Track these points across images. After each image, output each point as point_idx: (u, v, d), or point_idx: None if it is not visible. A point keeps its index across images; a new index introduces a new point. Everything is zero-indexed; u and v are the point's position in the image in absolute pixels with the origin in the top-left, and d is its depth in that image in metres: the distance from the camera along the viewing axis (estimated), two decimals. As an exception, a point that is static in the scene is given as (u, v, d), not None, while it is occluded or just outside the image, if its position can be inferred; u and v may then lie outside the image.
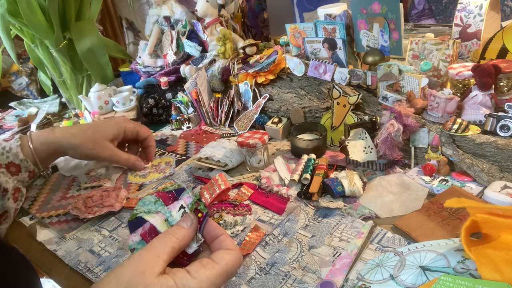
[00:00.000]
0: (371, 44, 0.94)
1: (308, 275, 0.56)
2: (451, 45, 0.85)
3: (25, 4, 1.04)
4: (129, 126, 0.83)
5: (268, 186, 0.76)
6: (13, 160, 0.74)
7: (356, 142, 0.80)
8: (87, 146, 0.75)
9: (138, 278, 0.36)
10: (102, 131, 0.77)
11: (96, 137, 0.76)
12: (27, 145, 0.76)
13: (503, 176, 0.66)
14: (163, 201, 0.46)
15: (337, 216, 0.67)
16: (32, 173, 0.79)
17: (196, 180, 0.83)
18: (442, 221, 0.61)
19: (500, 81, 0.75)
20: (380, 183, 0.72)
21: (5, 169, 0.74)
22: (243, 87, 1.04)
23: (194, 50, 1.17)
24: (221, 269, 0.38)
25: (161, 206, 0.46)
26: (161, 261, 0.38)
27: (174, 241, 0.40)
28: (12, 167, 0.74)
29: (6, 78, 1.49)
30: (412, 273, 0.50)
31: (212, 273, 0.37)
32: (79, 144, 0.75)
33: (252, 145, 0.80)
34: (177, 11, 1.21)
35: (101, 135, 0.77)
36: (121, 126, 0.81)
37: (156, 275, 0.36)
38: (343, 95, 0.85)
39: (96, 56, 1.17)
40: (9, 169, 0.74)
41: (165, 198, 0.46)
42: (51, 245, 0.69)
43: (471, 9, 0.95)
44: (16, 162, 0.75)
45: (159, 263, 0.38)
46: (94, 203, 0.76)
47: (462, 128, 0.70)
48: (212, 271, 0.38)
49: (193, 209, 0.43)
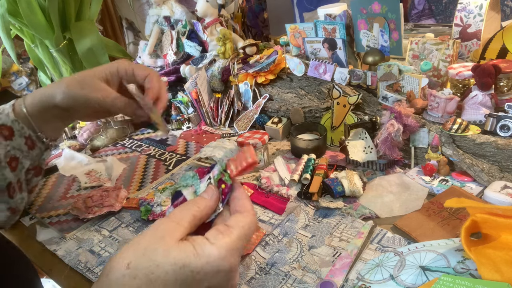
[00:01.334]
0: (371, 44, 0.94)
1: (308, 275, 0.56)
2: (451, 45, 0.85)
3: (25, 4, 1.04)
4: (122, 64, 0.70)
5: (268, 186, 0.76)
6: (4, 122, 0.66)
7: (356, 142, 0.80)
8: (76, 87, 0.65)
9: (157, 243, 0.35)
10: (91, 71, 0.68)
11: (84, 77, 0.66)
12: (20, 105, 0.68)
13: (503, 176, 0.66)
14: (199, 175, 0.47)
15: (337, 216, 0.67)
16: (29, 140, 0.68)
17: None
18: (442, 221, 0.61)
19: (500, 81, 0.75)
20: (380, 183, 0.72)
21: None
22: (243, 87, 1.04)
23: (194, 50, 1.17)
24: (238, 234, 0.37)
25: (196, 180, 0.47)
26: (182, 228, 0.37)
27: (195, 209, 0.39)
28: (4, 130, 0.66)
29: (6, 78, 1.48)
30: (412, 273, 0.50)
31: (231, 239, 0.37)
32: (66, 86, 0.65)
33: (252, 145, 0.80)
34: (177, 11, 1.21)
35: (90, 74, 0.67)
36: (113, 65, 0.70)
37: (176, 240, 0.36)
38: (343, 95, 0.85)
39: (96, 56, 1.17)
40: (2, 132, 0.66)
41: (201, 173, 0.47)
42: (51, 245, 0.69)
43: (471, 9, 0.95)
44: (7, 124, 0.66)
45: (179, 229, 0.37)
46: (94, 203, 0.76)
47: (462, 128, 0.70)
48: (231, 236, 0.37)
49: (217, 180, 0.43)
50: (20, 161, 0.68)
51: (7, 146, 0.66)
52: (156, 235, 0.36)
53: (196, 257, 0.35)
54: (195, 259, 0.35)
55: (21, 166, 0.68)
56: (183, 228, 0.37)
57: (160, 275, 0.34)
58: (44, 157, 0.72)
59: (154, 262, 0.34)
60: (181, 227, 0.37)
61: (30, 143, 0.68)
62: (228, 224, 0.38)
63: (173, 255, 0.34)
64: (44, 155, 0.72)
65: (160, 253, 0.35)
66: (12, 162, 0.66)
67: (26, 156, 0.68)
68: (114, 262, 0.35)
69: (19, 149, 0.67)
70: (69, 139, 1.11)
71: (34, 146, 0.69)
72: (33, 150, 0.69)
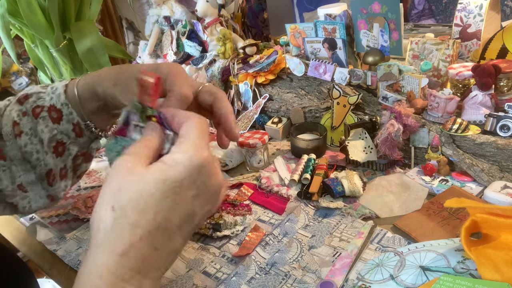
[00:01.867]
0: (371, 44, 0.94)
1: (308, 275, 0.56)
2: (451, 45, 0.85)
3: (25, 4, 1.04)
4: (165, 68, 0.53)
5: (268, 186, 0.76)
6: (55, 103, 0.59)
7: (356, 142, 0.80)
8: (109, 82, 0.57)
9: (128, 176, 0.34)
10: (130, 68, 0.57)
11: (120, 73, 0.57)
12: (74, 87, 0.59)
13: (503, 176, 0.66)
14: (121, 135, 0.43)
15: (337, 216, 0.67)
16: (78, 127, 0.60)
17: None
18: (442, 221, 0.61)
19: (500, 81, 0.75)
20: (380, 183, 0.72)
21: (47, 112, 0.60)
22: (243, 87, 1.04)
23: (194, 50, 1.17)
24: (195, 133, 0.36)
25: (124, 140, 0.43)
26: (142, 156, 0.36)
27: (145, 141, 0.38)
28: (53, 112, 0.59)
29: (6, 78, 1.49)
30: (412, 273, 0.50)
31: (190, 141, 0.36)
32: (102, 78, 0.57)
33: (252, 145, 0.80)
34: (177, 11, 1.21)
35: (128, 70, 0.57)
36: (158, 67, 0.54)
37: (143, 167, 0.35)
38: (343, 95, 0.85)
39: (96, 56, 1.17)
40: (50, 113, 0.59)
41: (122, 132, 0.43)
42: (51, 245, 0.69)
43: (471, 9, 0.95)
44: (57, 106, 0.59)
45: (140, 157, 0.36)
46: (94, 203, 0.75)
47: (462, 128, 0.70)
48: (189, 139, 0.36)
49: (145, 120, 0.40)
50: (67, 147, 0.61)
51: (54, 129, 0.60)
52: (121, 171, 0.35)
53: (172, 168, 0.34)
54: (171, 170, 0.34)
55: (68, 153, 0.62)
56: (144, 156, 0.36)
57: (148, 200, 0.33)
58: (93, 145, 0.65)
59: (136, 191, 0.33)
60: (142, 156, 0.36)
61: (78, 130, 0.61)
62: (182, 134, 0.37)
63: (149, 177, 0.34)
64: (93, 143, 0.64)
65: (136, 182, 0.34)
66: (59, 147, 0.61)
67: (74, 142, 0.62)
68: (97, 214, 0.34)
69: (67, 134, 0.61)
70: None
71: (82, 134, 0.62)
72: (81, 137, 0.62)
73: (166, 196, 0.33)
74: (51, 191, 0.62)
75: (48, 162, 0.60)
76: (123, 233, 0.32)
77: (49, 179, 0.61)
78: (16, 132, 0.59)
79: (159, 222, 0.33)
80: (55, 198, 0.62)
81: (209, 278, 0.58)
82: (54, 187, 0.61)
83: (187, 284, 0.57)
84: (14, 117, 0.60)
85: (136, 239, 0.32)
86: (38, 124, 0.60)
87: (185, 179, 0.34)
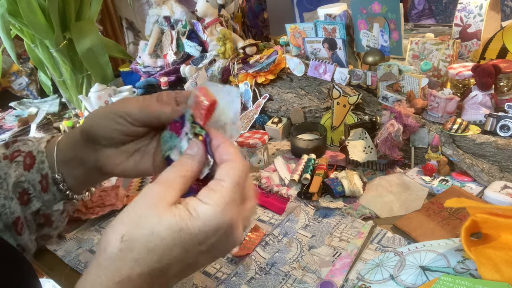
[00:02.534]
0: (371, 44, 0.94)
1: (308, 275, 0.56)
2: (451, 45, 0.85)
3: (25, 4, 1.04)
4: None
5: (268, 186, 0.76)
6: (33, 149, 0.57)
7: (356, 142, 0.80)
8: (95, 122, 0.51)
9: (149, 210, 0.34)
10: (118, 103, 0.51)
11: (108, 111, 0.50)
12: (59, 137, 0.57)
13: (503, 176, 0.66)
14: (175, 132, 0.43)
15: (337, 216, 0.67)
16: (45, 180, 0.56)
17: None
18: (442, 221, 0.61)
19: (500, 81, 0.75)
20: (380, 183, 0.72)
21: (23, 157, 0.57)
22: (243, 87, 1.04)
23: (194, 50, 1.17)
24: (229, 185, 0.35)
25: (176, 139, 0.43)
26: (172, 191, 0.36)
27: (182, 170, 0.37)
28: (28, 158, 0.57)
29: (6, 78, 1.49)
30: (412, 273, 0.50)
31: (222, 193, 0.35)
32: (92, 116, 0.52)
33: (252, 145, 0.80)
34: (177, 11, 1.21)
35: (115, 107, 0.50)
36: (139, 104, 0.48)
37: (168, 205, 0.34)
38: (343, 95, 0.85)
39: (96, 56, 1.17)
40: (25, 159, 0.57)
41: (176, 129, 0.43)
42: (51, 245, 0.69)
43: (471, 9, 0.95)
44: (34, 153, 0.57)
45: (170, 193, 0.35)
46: (94, 203, 0.75)
47: (462, 128, 0.70)
48: (222, 190, 0.35)
49: (193, 133, 0.40)
50: (31, 199, 0.58)
51: (22, 176, 0.57)
52: (147, 202, 0.35)
53: (192, 219, 0.34)
54: (190, 221, 0.34)
55: (31, 204, 0.58)
56: (174, 191, 0.36)
57: (158, 243, 0.33)
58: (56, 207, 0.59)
59: (149, 230, 0.33)
60: (172, 191, 0.36)
61: (45, 183, 0.57)
62: (218, 177, 0.36)
63: (167, 221, 0.34)
64: (56, 205, 0.58)
65: (154, 220, 0.34)
66: (24, 196, 0.57)
67: (38, 197, 0.58)
68: (108, 235, 0.34)
69: (33, 185, 0.57)
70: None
71: (48, 190, 0.57)
72: (46, 193, 0.57)
73: (174, 244, 0.34)
74: (20, 241, 0.58)
75: (14, 209, 0.56)
76: (124, 265, 0.33)
77: (17, 228, 0.57)
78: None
79: (161, 266, 0.34)
80: (26, 249, 0.59)
81: (209, 278, 0.58)
82: (23, 237, 0.58)
83: (187, 284, 0.57)
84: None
85: (134, 273, 0.33)
86: (11, 167, 0.57)
87: (199, 234, 0.34)
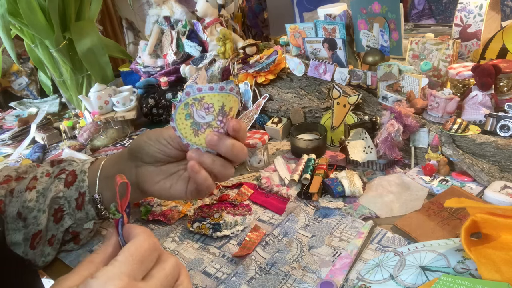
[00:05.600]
0: (371, 44, 0.94)
1: (308, 275, 0.56)
2: (451, 45, 0.85)
3: (25, 4, 1.04)
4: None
5: (268, 186, 0.76)
6: (77, 169, 0.61)
7: (356, 142, 0.80)
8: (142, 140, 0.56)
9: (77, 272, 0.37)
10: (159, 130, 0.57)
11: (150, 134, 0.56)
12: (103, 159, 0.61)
13: (503, 176, 0.66)
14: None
15: (337, 216, 0.67)
16: (81, 198, 0.59)
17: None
18: (442, 221, 0.61)
19: (500, 81, 0.75)
20: (380, 183, 0.72)
21: (66, 175, 0.61)
22: (243, 87, 1.04)
23: (194, 50, 1.17)
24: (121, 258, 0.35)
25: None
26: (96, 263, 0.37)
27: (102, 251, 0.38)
28: (70, 176, 0.60)
29: (6, 78, 1.49)
30: (412, 273, 0.50)
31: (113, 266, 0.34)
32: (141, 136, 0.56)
33: (252, 145, 0.80)
34: (177, 11, 1.21)
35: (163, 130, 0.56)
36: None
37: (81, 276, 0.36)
38: (343, 95, 0.85)
39: (96, 56, 1.17)
40: (67, 177, 0.61)
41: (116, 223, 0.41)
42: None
43: (471, 9, 0.95)
44: (76, 172, 0.60)
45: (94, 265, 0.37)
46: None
47: (462, 128, 0.70)
48: (114, 263, 0.35)
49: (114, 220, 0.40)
50: (64, 216, 0.61)
51: (60, 192, 0.60)
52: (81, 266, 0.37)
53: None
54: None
55: (62, 222, 0.61)
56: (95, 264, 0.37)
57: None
58: (86, 226, 0.62)
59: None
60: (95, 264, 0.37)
61: (81, 201, 0.60)
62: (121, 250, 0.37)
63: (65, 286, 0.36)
64: (87, 223, 0.62)
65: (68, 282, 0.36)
66: (58, 213, 0.60)
67: (71, 214, 0.61)
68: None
69: (69, 201, 0.60)
70: (69, 139, 1.11)
71: (82, 208, 0.60)
72: (79, 211, 0.61)
73: None
74: (30, 255, 0.61)
75: (41, 221, 0.59)
76: None
77: (33, 241, 0.60)
78: (30, 186, 0.60)
79: None
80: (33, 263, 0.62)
81: (209, 278, 0.58)
82: (36, 251, 0.61)
83: (187, 284, 0.57)
84: (37, 173, 0.61)
85: None
86: (53, 183, 0.61)
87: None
